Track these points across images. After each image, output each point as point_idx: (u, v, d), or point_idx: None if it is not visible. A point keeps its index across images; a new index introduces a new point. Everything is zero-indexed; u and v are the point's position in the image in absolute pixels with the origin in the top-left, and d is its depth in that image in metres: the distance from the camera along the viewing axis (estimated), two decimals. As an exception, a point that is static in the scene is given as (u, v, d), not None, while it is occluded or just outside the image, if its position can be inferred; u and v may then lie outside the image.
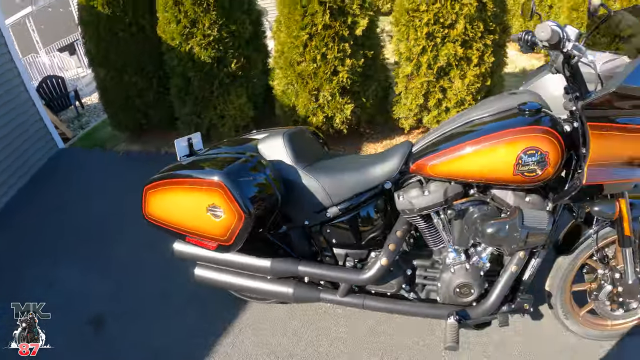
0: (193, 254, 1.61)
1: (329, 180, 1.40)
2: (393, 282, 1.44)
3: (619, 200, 1.33)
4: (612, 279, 1.51)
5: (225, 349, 1.75)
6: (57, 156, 3.95)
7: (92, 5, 3.28)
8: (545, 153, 1.18)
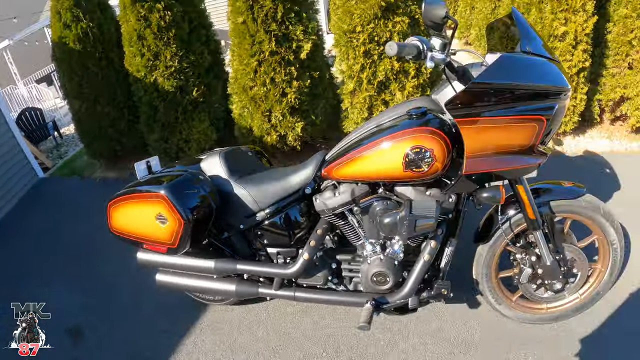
0: (153, 261, 1.89)
1: (256, 189, 1.70)
2: (320, 275, 1.72)
3: (517, 187, 1.53)
4: (530, 262, 1.68)
5: (188, 348, 2.01)
6: (38, 185, 4.20)
7: (64, 42, 3.58)
8: (430, 150, 1.35)
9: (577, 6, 2.89)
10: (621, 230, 1.74)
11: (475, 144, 1.35)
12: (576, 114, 3.21)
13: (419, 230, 1.40)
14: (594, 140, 3.35)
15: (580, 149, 3.26)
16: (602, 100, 3.32)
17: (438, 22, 1.24)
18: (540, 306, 1.86)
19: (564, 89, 1.36)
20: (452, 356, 1.76)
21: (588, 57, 3.06)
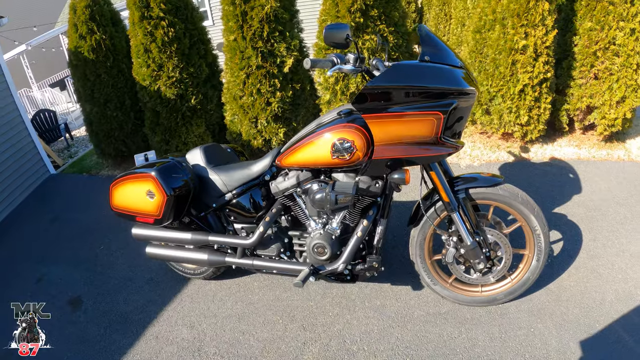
0: (145, 234, 2.33)
1: (225, 175, 2.14)
2: (274, 247, 2.13)
3: (430, 173, 1.82)
4: (454, 243, 1.95)
5: (169, 313, 2.43)
6: (49, 180, 4.74)
7: (79, 51, 4.14)
8: (352, 142, 1.69)
9: (536, 21, 3.22)
10: (542, 218, 1.94)
11: (381, 135, 1.68)
12: (541, 123, 3.53)
13: (339, 203, 1.77)
14: (562, 148, 3.67)
15: (546, 156, 3.58)
16: (570, 110, 3.63)
17: (341, 42, 1.57)
18: (475, 289, 2.10)
19: (462, 90, 1.65)
20: (391, 329, 2.10)
21: (550, 69, 3.37)
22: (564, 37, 3.52)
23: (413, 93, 1.64)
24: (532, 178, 3.26)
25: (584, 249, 2.49)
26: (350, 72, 1.70)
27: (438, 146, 1.71)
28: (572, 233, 2.62)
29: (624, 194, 2.98)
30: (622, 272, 2.29)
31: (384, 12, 3.20)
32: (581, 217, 2.75)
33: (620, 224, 2.67)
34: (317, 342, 2.07)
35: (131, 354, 2.19)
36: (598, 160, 3.48)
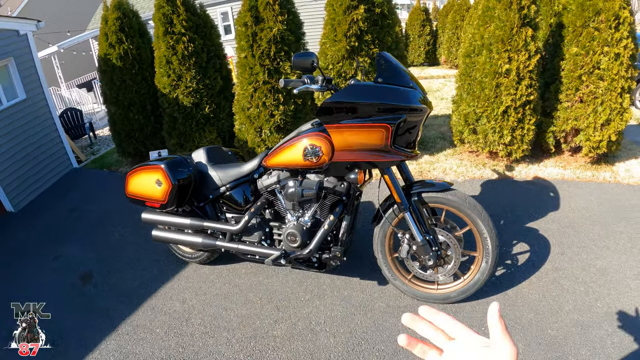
0: (152, 219, 2.83)
1: (222, 172, 2.63)
2: (256, 235, 2.58)
3: (384, 176, 2.18)
4: (407, 240, 2.25)
5: (166, 289, 2.91)
6: (72, 173, 5.40)
7: (108, 58, 4.81)
8: (319, 147, 2.11)
9: (519, 46, 3.60)
10: (489, 222, 2.18)
11: (340, 142, 2.07)
12: (525, 143, 3.88)
13: (305, 197, 2.20)
14: (547, 168, 4.00)
15: (530, 175, 3.92)
16: (556, 132, 3.94)
17: (308, 67, 1.96)
18: (431, 286, 2.36)
19: (409, 107, 1.99)
20: (353, 316, 2.46)
21: (534, 91, 3.71)
22: (553, 61, 3.89)
23: (365, 108, 2.01)
24: (513, 195, 3.60)
25: (549, 261, 2.75)
26: (317, 91, 2.12)
27: (389, 153, 2.07)
28: (541, 246, 2.90)
29: (602, 213, 3.25)
30: (585, 285, 2.49)
31: (377, 37, 3.70)
32: (553, 232, 3.03)
33: (592, 240, 2.92)
34: (287, 321, 2.48)
35: (129, 321, 2.66)
36: (582, 181, 3.78)
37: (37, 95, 4.98)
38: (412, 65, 12.03)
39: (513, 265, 2.75)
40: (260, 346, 2.35)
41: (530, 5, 3.50)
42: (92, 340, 2.53)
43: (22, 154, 4.69)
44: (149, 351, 2.41)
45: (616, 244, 2.87)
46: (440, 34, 11.66)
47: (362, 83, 2.12)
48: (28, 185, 4.71)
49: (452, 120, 4.27)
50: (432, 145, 4.80)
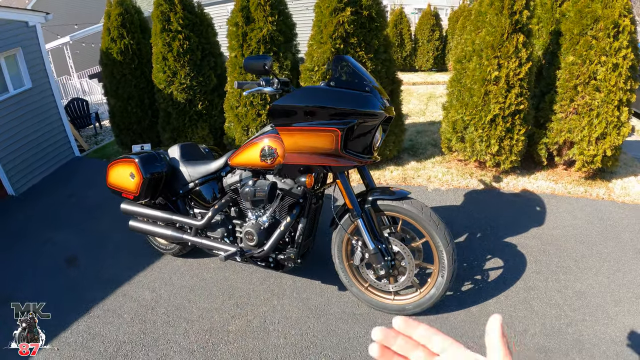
0: (130, 210, 3.03)
1: (191, 168, 2.80)
2: (220, 231, 2.73)
3: (337, 181, 2.21)
4: (360, 247, 2.27)
5: (139, 278, 3.10)
6: (73, 161, 5.73)
7: (109, 52, 5.08)
8: (274, 149, 2.20)
9: (509, 53, 3.57)
10: (446, 235, 2.13)
11: (290, 144, 2.11)
12: (514, 154, 3.85)
13: (257, 197, 2.27)
14: (537, 181, 3.95)
15: (518, 187, 3.88)
16: (549, 144, 3.88)
17: (260, 70, 2.06)
18: (388, 296, 2.37)
19: (360, 111, 1.99)
20: (307, 319, 2.53)
21: (524, 101, 3.68)
22: (549, 70, 3.87)
23: (314, 111, 2.03)
24: (496, 207, 3.61)
25: (523, 279, 2.67)
26: (270, 93, 2.20)
27: (340, 158, 2.08)
28: (516, 263, 2.84)
29: (589, 232, 3.16)
30: (557, 308, 2.41)
31: (364, 40, 3.78)
32: (532, 249, 2.98)
33: (573, 260, 2.85)
34: (243, 318, 2.62)
35: (101, 305, 2.87)
36: (573, 196, 3.71)
37: (43, 84, 5.30)
38: (420, 70, 11.97)
39: (482, 281, 2.72)
40: (214, 339, 2.50)
41: (523, 10, 3.49)
42: (66, 320, 2.76)
43: (26, 140, 5.02)
44: (114, 335, 2.61)
45: (599, 266, 2.79)
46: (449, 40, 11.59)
47: (312, 86, 2.20)
48: (30, 171, 5.04)
49: (441, 128, 4.32)
50: (421, 152, 4.84)
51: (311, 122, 2.06)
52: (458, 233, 3.26)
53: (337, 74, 2.09)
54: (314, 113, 2.05)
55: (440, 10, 12.81)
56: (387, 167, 4.48)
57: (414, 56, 12.02)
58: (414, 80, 10.19)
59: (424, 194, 3.92)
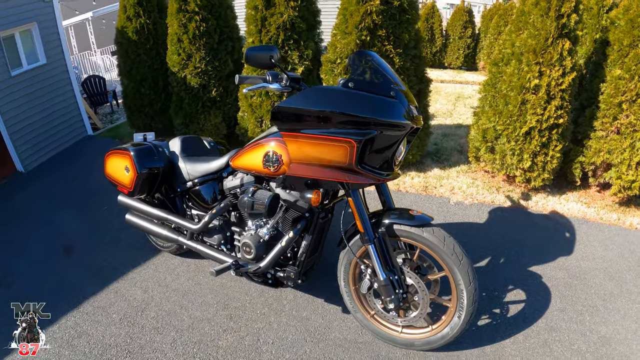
0: (127, 203, 2.84)
1: (190, 165, 2.55)
2: (216, 238, 2.50)
3: (348, 199, 1.90)
4: (369, 275, 2.00)
5: (133, 275, 2.91)
6: (85, 140, 5.61)
7: (125, 31, 4.87)
8: (279, 155, 1.91)
9: (553, 60, 3.18)
10: (469, 273, 1.86)
11: (296, 153, 1.81)
12: (547, 171, 3.50)
13: (254, 210, 2.01)
14: (568, 202, 3.58)
15: (547, 208, 3.53)
16: (585, 163, 3.52)
17: (265, 63, 1.76)
18: (395, 327, 2.12)
19: (381, 121, 1.67)
20: (304, 342, 2.28)
21: (564, 114, 3.31)
22: (592, 82, 3.47)
23: (326, 117, 1.72)
24: (522, 229, 3.27)
25: (545, 317, 2.41)
26: (277, 91, 1.87)
27: (354, 174, 1.77)
28: (539, 297, 2.56)
29: (620, 266, 2.86)
30: (580, 356, 2.17)
31: (392, 33, 3.44)
32: (558, 282, 2.69)
33: (601, 299, 2.56)
34: (236, 333, 2.40)
35: (92, 300, 2.72)
36: (605, 223, 3.37)
37: (58, 61, 5.15)
38: (449, 68, 11.42)
39: (501, 316, 2.44)
40: (202, 354, 2.30)
41: (571, 14, 3.09)
42: (55, 314, 2.62)
43: (38, 117, 4.90)
44: (100, 335, 2.45)
45: (628, 308, 2.49)
46: (482, 38, 11.01)
47: (326, 87, 1.89)
48: (40, 148, 4.93)
49: (470, 134, 3.96)
50: (446, 158, 4.49)
51: (322, 129, 1.75)
52: (480, 257, 2.95)
53: (357, 73, 1.77)
54: (325, 119, 1.74)
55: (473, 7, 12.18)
56: (408, 172, 4.16)
57: (444, 52, 11.49)
58: (442, 78, 9.73)
59: (445, 207, 3.60)
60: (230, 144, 4.64)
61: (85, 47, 10.95)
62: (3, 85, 4.46)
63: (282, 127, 1.86)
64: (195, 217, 2.66)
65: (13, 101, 4.58)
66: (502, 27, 9.09)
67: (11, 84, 4.55)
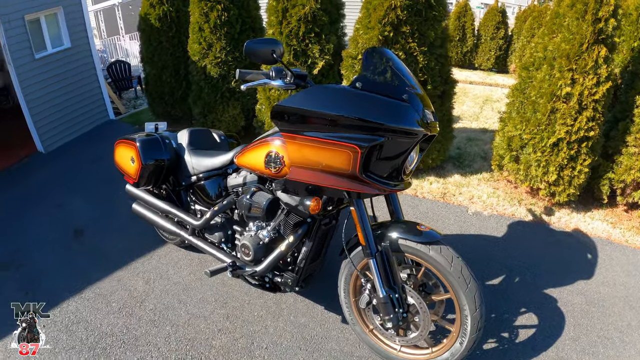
0: (133, 193, 2.81)
1: (196, 159, 2.48)
2: (217, 235, 2.42)
3: (351, 209, 1.77)
4: (369, 290, 1.87)
5: (137, 264, 2.90)
6: (106, 124, 5.67)
7: (148, 18, 4.86)
8: (281, 156, 1.78)
9: (587, 67, 2.92)
10: (476, 299, 1.71)
11: (297, 156, 1.69)
12: (573, 186, 3.26)
13: (252, 212, 1.93)
14: (593, 221, 3.34)
15: (570, 226, 3.30)
16: (614, 180, 3.26)
17: (267, 58, 1.64)
18: (394, 345, 2.01)
19: (395, 128, 1.54)
20: (298, 350, 2.19)
21: (596, 127, 3.05)
22: (627, 94, 3.20)
23: (329, 120, 1.60)
24: (542, 246, 3.06)
25: (556, 346, 2.23)
26: (279, 88, 1.76)
27: (358, 183, 1.63)
28: (552, 323, 2.38)
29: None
30: None
31: (417, 30, 3.25)
32: (574, 308, 2.49)
33: (618, 330, 2.36)
34: (230, 334, 2.33)
35: (94, 287, 2.73)
36: (630, 246, 3.11)
37: (82, 45, 5.20)
38: (480, 69, 10.98)
39: (509, 340, 2.26)
40: (194, 352, 2.24)
41: (609, 18, 2.83)
42: (58, 298, 2.66)
43: (61, 99, 4.96)
44: (98, 324, 2.45)
45: None
46: (514, 40, 10.51)
47: (330, 86, 1.74)
48: (61, 130, 5.00)
49: (494, 141, 3.74)
50: (468, 164, 4.27)
51: (324, 132, 1.61)
52: (493, 273, 2.77)
53: (367, 72, 1.63)
54: (328, 121, 1.60)
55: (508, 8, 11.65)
56: (427, 177, 3.98)
57: (475, 53, 11.06)
58: (471, 79, 9.38)
59: (462, 217, 3.42)
60: (247, 136, 4.60)
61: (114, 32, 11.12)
62: (27, 68, 4.53)
63: (282, 127, 1.73)
64: (198, 213, 2.60)
65: (36, 83, 4.65)
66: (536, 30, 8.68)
67: (35, 67, 4.61)
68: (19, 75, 4.47)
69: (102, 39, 10.63)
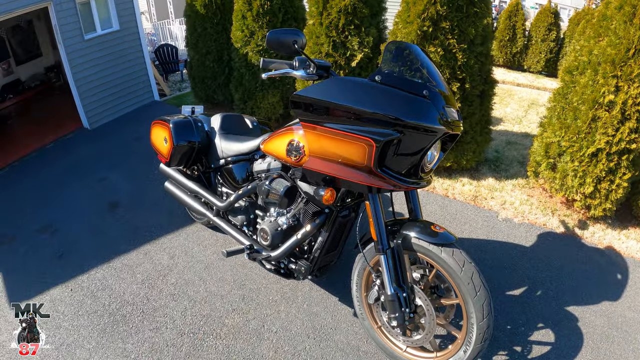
0: (166, 172, 2.91)
1: (225, 143, 2.54)
2: (240, 218, 2.49)
3: (365, 203, 1.76)
4: (378, 286, 1.85)
5: (163, 240, 3.03)
6: (151, 105, 5.89)
7: (193, 4, 4.96)
8: (302, 145, 1.78)
9: (633, 75, 2.70)
10: (484, 308, 1.65)
11: (315, 146, 1.71)
12: (609, 201, 3.04)
13: (269, 198, 1.96)
14: (628, 240, 3.10)
15: (604, 243, 3.08)
16: None
17: (288, 48, 1.62)
18: (400, 345, 1.99)
19: (411, 124, 1.50)
20: (306, 337, 2.24)
21: (638, 138, 2.80)
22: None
23: (345, 112, 1.60)
24: (571, 261, 2.87)
25: None
26: (300, 78, 1.74)
27: (372, 177, 1.61)
28: (569, 343, 2.24)
29: None
30: None
31: (458, 26, 3.11)
32: (595, 330, 2.33)
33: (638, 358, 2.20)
34: (243, 315, 2.40)
35: (122, 257, 2.89)
36: None
37: (131, 28, 5.40)
38: (528, 71, 10.36)
39: (521, 355, 2.15)
40: (207, 328, 2.33)
41: (665, 23, 2.59)
42: (88, 263, 2.85)
43: (108, 79, 5.21)
44: (122, 292, 2.60)
45: None
46: (566, 43, 9.82)
47: (347, 78, 1.71)
48: (107, 109, 5.26)
49: (532, 146, 3.55)
50: (504, 169, 4.08)
51: (340, 124, 1.62)
52: (516, 283, 2.65)
53: (388, 66, 1.59)
54: (344, 113, 1.60)
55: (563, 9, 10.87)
56: (460, 178, 3.86)
57: (524, 54, 10.47)
58: (518, 81, 8.92)
59: (491, 222, 3.29)
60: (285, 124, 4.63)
61: (164, 16, 11.48)
62: (76, 47, 4.76)
63: (301, 117, 1.75)
64: (224, 195, 2.66)
65: (84, 63, 4.89)
66: (588, 34, 8.08)
67: (84, 47, 4.84)
68: (68, 55, 4.71)
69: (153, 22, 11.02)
